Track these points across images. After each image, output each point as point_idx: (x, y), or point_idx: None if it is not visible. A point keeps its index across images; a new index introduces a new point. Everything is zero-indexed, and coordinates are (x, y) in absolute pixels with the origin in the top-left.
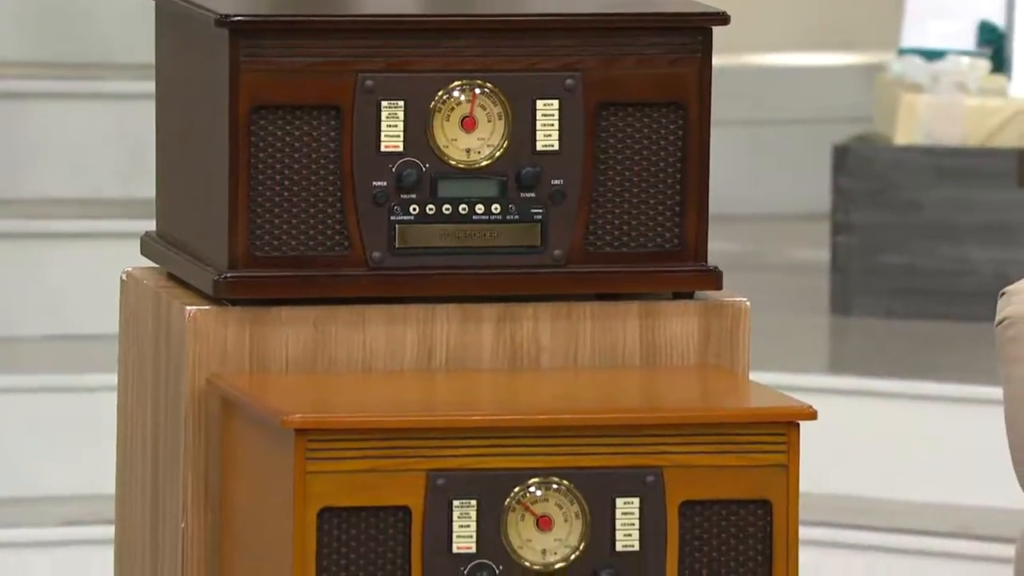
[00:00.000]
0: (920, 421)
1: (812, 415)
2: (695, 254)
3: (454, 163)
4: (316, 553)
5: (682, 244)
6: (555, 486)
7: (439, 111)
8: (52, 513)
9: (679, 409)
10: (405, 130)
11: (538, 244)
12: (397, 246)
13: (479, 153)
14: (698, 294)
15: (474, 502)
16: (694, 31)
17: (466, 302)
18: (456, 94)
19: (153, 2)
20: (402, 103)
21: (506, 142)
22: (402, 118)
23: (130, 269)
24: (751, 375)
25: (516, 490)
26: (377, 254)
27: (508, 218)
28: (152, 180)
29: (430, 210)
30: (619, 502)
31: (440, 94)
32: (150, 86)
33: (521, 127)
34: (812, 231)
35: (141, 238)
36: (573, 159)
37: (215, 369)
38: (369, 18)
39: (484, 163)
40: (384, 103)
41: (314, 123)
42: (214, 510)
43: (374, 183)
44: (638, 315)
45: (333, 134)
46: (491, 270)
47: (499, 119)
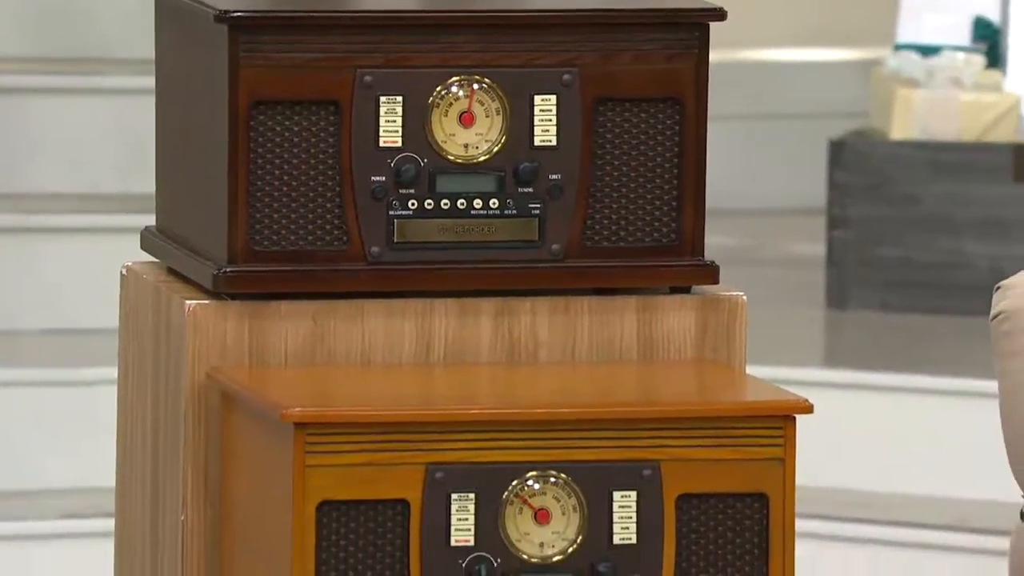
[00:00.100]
0: (916, 414)
1: (808, 409)
2: (692, 249)
3: (452, 158)
4: (315, 546)
5: (679, 239)
6: (553, 479)
7: (437, 106)
8: (52, 506)
9: (676, 403)
10: (404, 125)
11: (536, 239)
12: (396, 241)
13: (477, 148)
14: (695, 288)
15: (472, 495)
16: (691, 27)
17: (464, 296)
18: (454, 89)
19: None
20: (400, 98)
21: (504, 137)
22: (400, 113)
23: (130, 264)
24: (748, 369)
25: (514, 483)
26: (376, 249)
27: (506, 213)
28: (151, 175)
29: (428, 205)
30: (616, 495)
31: (438, 89)
32: (149, 81)
33: (519, 122)
34: (808, 225)
35: (141, 232)
36: (571, 154)
37: (215, 363)
38: (368, 14)
39: (482, 158)
40: (383, 98)
41: (313, 118)
42: (214, 503)
43: (373, 178)
44: (635, 309)
45: (332, 129)
46: (489, 264)
47: (497, 114)
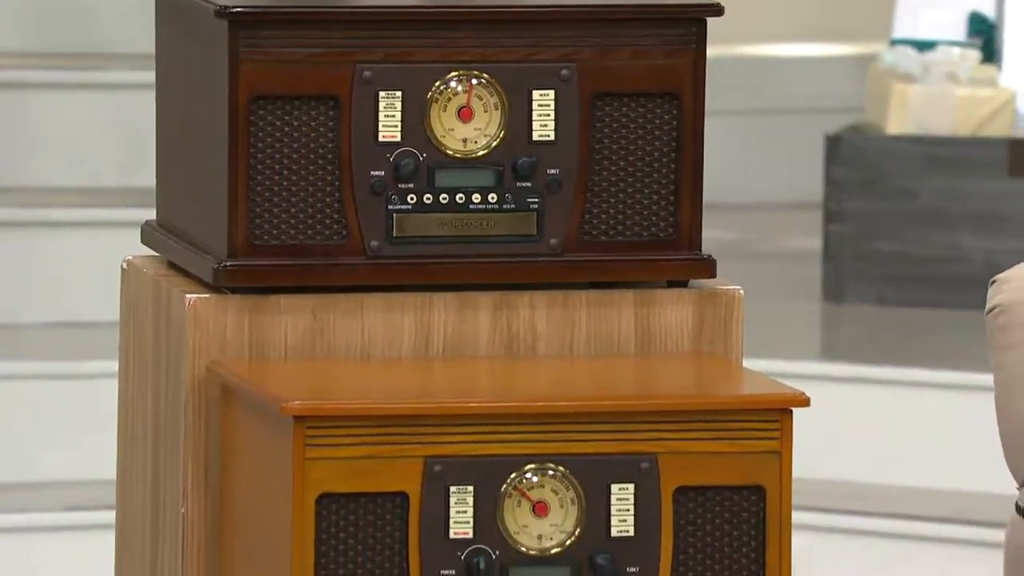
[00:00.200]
0: (912, 407)
1: (805, 402)
2: (689, 243)
3: (451, 153)
4: (315, 538)
5: (676, 233)
6: (551, 472)
7: (436, 101)
8: (54, 498)
9: (674, 396)
10: (403, 120)
11: (534, 233)
12: (395, 235)
13: (476, 143)
14: (692, 282)
15: (471, 488)
16: (688, 22)
17: (463, 290)
18: (453, 84)
19: None
20: (400, 93)
21: (502, 132)
22: (400, 108)
23: (130, 257)
24: (745, 362)
25: (512, 476)
26: (375, 243)
27: (504, 207)
28: (151, 170)
29: (427, 199)
30: (614, 488)
31: (437, 84)
32: (150, 76)
33: (517, 117)
34: (805, 220)
35: (141, 227)
36: (569, 149)
37: (215, 356)
38: (367, 9)
39: (481, 153)
40: (382, 93)
41: (313, 113)
42: (214, 496)
43: (372, 172)
44: (633, 303)
45: (331, 124)
46: (488, 259)
47: (495, 109)
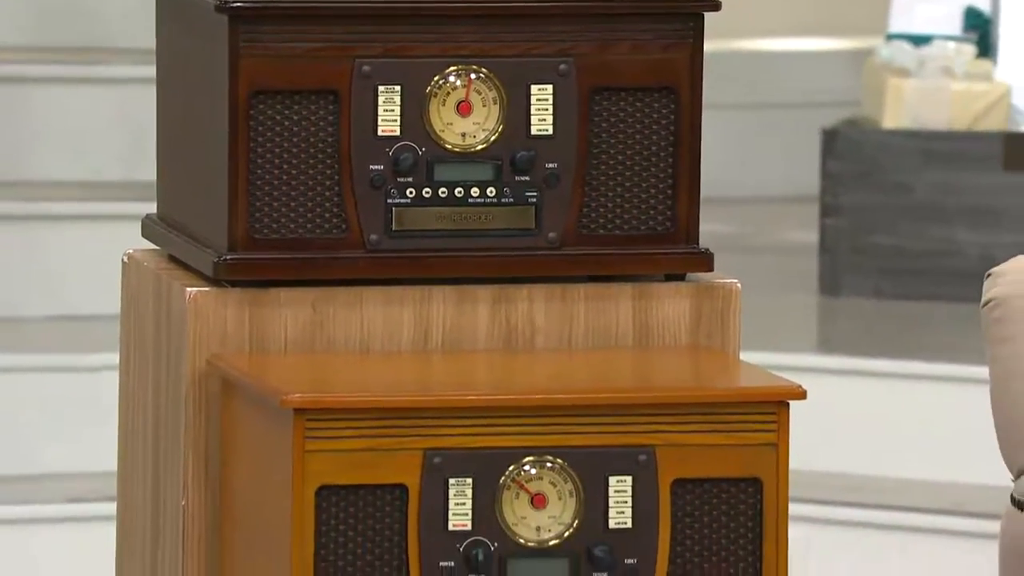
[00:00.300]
0: (908, 400)
1: (802, 394)
2: (687, 236)
3: (450, 147)
4: (315, 530)
5: (674, 226)
6: (549, 465)
7: (435, 96)
8: (55, 490)
9: (671, 389)
10: (402, 114)
11: (533, 227)
12: (394, 229)
13: (474, 137)
14: (690, 276)
15: (470, 480)
16: (686, 17)
17: (462, 284)
18: (452, 79)
19: None
20: (399, 88)
21: (501, 126)
22: (399, 103)
23: (131, 251)
24: (742, 355)
25: (511, 468)
26: (374, 236)
27: (503, 201)
28: (152, 164)
29: (426, 193)
30: (612, 480)
31: (436, 79)
32: (151, 71)
33: (516, 111)
34: (801, 213)
35: (142, 220)
36: (567, 143)
37: (215, 349)
38: (366, 4)
39: (479, 147)
40: (381, 88)
41: (312, 107)
42: (214, 488)
43: (371, 167)
44: (631, 296)
45: (331, 118)
46: (486, 252)
47: (494, 104)
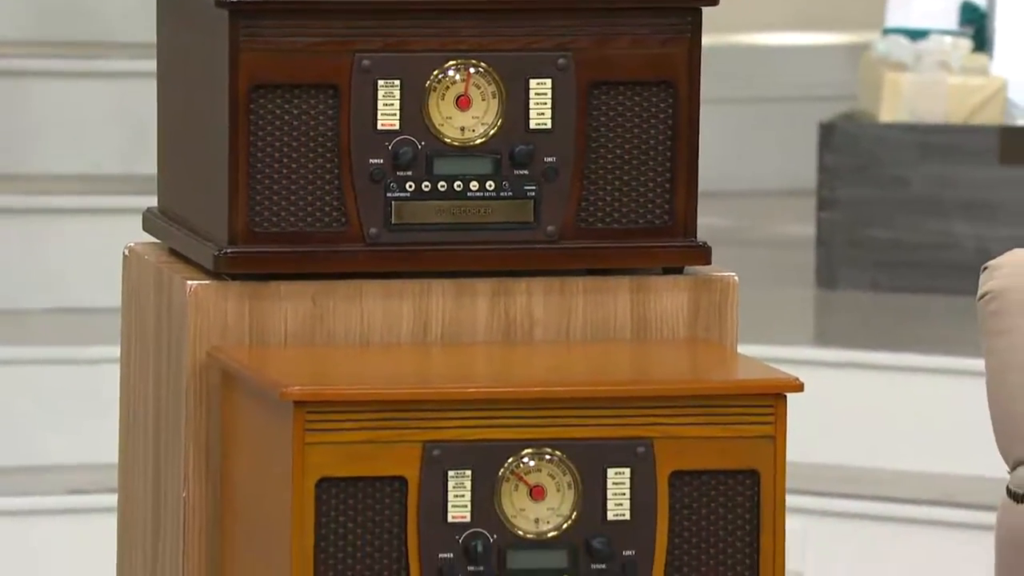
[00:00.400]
0: (905, 392)
1: (799, 387)
2: (685, 230)
3: (449, 141)
4: (315, 522)
5: (672, 220)
6: (548, 457)
7: (434, 90)
8: (56, 482)
9: (669, 381)
10: (401, 109)
11: (531, 220)
12: (393, 222)
13: (473, 131)
14: (687, 269)
15: (469, 472)
16: (684, 12)
17: (461, 277)
18: (451, 73)
19: None
20: (398, 82)
21: (500, 120)
22: (398, 97)
23: (132, 244)
24: (739, 348)
25: (510, 461)
26: (374, 230)
27: (502, 195)
28: (153, 158)
29: (426, 187)
30: (610, 472)
31: (435, 73)
32: (151, 65)
33: (515, 106)
34: (798, 207)
35: (143, 214)
36: (565, 137)
37: (215, 342)
38: None
39: (478, 141)
40: (380, 82)
41: (312, 102)
42: (215, 480)
43: (371, 161)
44: (629, 290)
45: (331, 112)
46: (485, 246)
47: (493, 98)
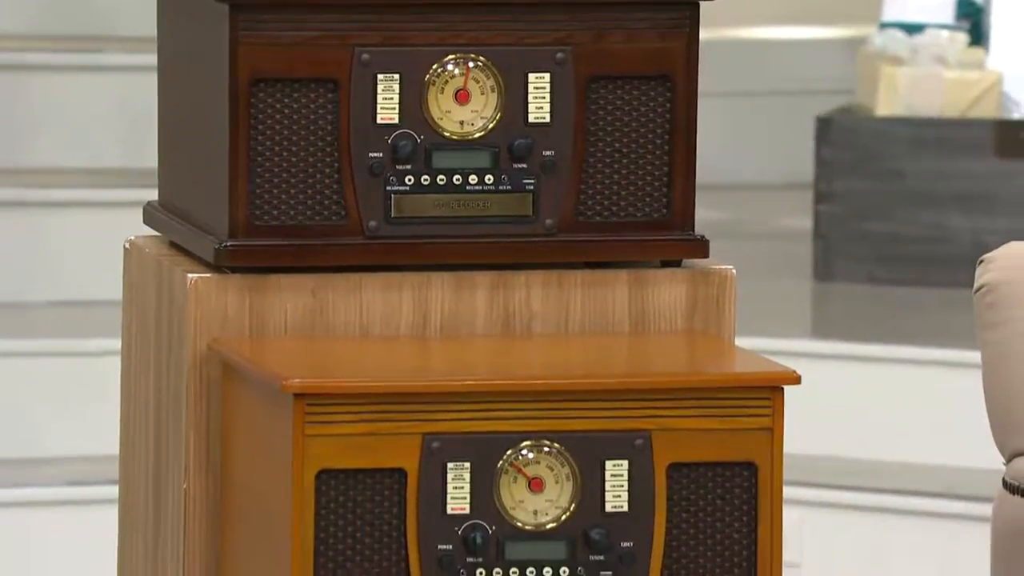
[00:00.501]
0: (902, 384)
1: (796, 379)
2: (682, 223)
3: (448, 134)
4: (314, 514)
5: (670, 213)
6: (546, 449)
7: (434, 84)
8: (57, 473)
9: (667, 374)
10: (400, 102)
11: (530, 214)
12: (392, 215)
13: (472, 125)
14: (685, 262)
15: (468, 464)
16: (682, 6)
17: (460, 270)
18: (450, 67)
19: None
20: (397, 76)
21: (499, 114)
22: (397, 91)
23: (133, 237)
24: (737, 340)
25: (509, 453)
26: (373, 223)
27: (501, 188)
28: (153, 151)
29: (425, 180)
30: (608, 464)
31: (435, 67)
32: (151, 59)
33: (513, 99)
34: (796, 200)
35: (143, 207)
36: (564, 131)
37: (216, 335)
38: None
39: (477, 134)
40: (380, 76)
41: (312, 95)
42: (215, 472)
43: (370, 154)
44: (627, 283)
45: (330, 106)
46: (484, 239)
47: (492, 92)
